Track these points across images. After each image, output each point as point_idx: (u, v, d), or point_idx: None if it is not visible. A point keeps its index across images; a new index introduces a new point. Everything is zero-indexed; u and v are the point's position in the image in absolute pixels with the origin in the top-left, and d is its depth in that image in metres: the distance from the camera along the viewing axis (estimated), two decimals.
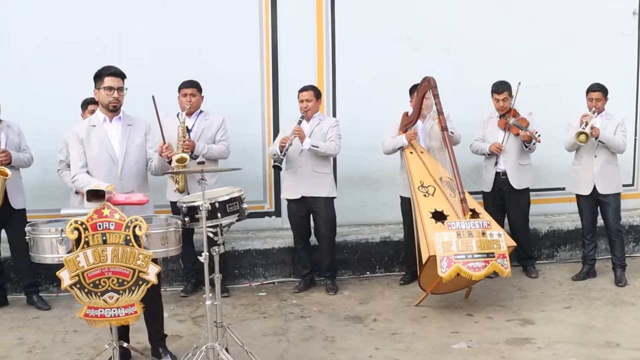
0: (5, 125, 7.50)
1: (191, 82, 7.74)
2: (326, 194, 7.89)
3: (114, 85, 5.63)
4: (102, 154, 5.71)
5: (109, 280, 4.90)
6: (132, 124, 5.84)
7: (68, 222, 4.83)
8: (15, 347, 6.48)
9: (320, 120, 7.95)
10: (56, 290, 8.07)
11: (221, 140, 7.82)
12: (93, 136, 5.73)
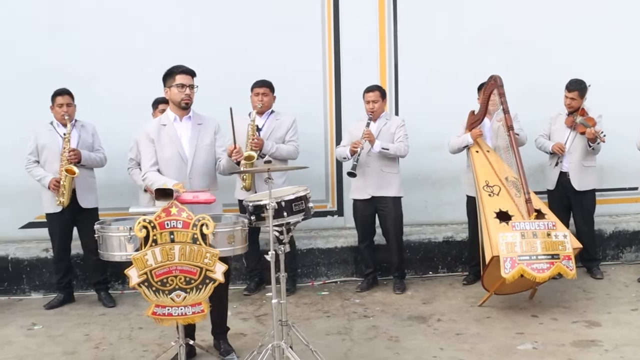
0: (80, 125, 7.64)
1: (264, 82, 7.77)
2: (394, 194, 7.85)
3: (185, 82, 5.70)
4: (173, 153, 5.77)
5: (176, 278, 4.93)
6: (202, 123, 5.89)
7: (136, 220, 4.88)
8: (83, 343, 6.58)
9: (387, 120, 7.91)
10: (121, 288, 8.18)
11: (291, 141, 7.81)
12: (163, 135, 5.79)
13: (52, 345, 6.55)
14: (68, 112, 7.51)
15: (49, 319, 7.37)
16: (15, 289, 8.25)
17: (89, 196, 7.69)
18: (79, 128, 7.66)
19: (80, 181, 7.54)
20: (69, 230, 7.78)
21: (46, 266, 8.19)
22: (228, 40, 8.60)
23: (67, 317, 7.40)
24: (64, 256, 7.81)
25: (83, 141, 7.65)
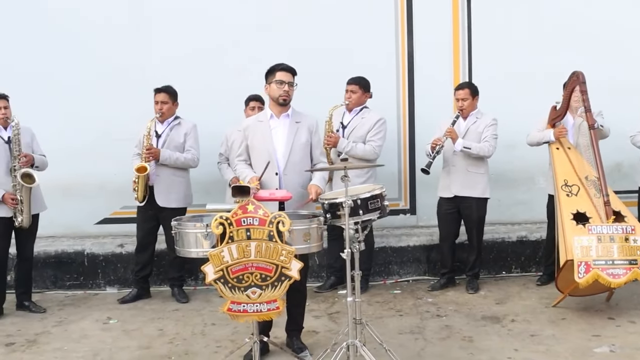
0: (177, 123, 7.74)
1: (354, 79, 7.78)
2: (478, 195, 7.76)
3: (285, 79, 5.75)
4: (262, 150, 5.80)
5: (252, 275, 4.94)
6: (300, 121, 5.91)
7: (213, 217, 4.90)
8: (157, 338, 6.65)
9: (477, 118, 7.79)
10: (194, 284, 8.26)
11: (371, 141, 7.73)
12: (257, 132, 5.86)
13: (127, 340, 6.64)
14: (162, 110, 7.60)
15: (124, 313, 7.47)
16: (90, 284, 8.42)
17: (170, 195, 7.72)
18: (173, 126, 7.75)
19: (161, 180, 7.64)
20: (151, 224, 7.86)
21: (121, 261, 8.33)
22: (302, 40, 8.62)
23: (142, 312, 7.49)
24: (144, 249, 7.91)
25: (171, 140, 7.72)
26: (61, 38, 8.83)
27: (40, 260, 8.33)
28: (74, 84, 8.75)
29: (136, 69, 8.56)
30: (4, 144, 7.33)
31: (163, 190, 7.68)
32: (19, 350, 6.46)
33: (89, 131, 8.63)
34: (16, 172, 7.24)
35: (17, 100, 7.46)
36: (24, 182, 7.22)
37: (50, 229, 8.59)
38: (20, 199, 7.26)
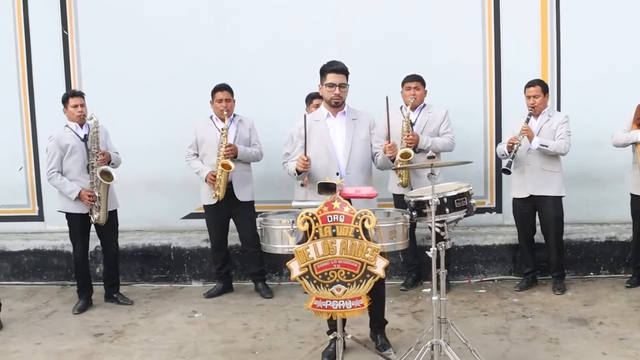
0: (238, 120, 7.80)
1: (415, 76, 7.71)
2: (554, 193, 7.61)
3: (335, 82, 5.69)
4: (321, 149, 5.79)
5: (337, 272, 4.93)
6: (357, 118, 5.87)
7: (299, 214, 4.91)
8: (241, 332, 6.72)
9: (549, 116, 7.65)
10: (278, 279, 8.32)
11: (445, 133, 7.73)
12: (314, 131, 5.81)
13: (212, 333, 6.73)
14: (227, 107, 7.66)
15: (209, 307, 7.57)
16: (176, 277, 8.56)
17: (245, 189, 7.83)
18: (237, 123, 7.81)
19: (236, 175, 7.71)
20: (225, 222, 7.97)
21: (206, 256, 8.43)
22: (381, 33, 8.57)
23: (226, 307, 7.58)
24: (221, 247, 8.01)
25: (240, 136, 7.80)
26: (144, 36, 9.01)
27: (128, 253, 8.52)
28: (159, 81, 8.91)
29: (219, 66, 8.64)
30: (81, 142, 7.50)
31: (240, 185, 7.78)
32: (106, 341, 6.62)
33: (175, 127, 8.74)
34: (95, 169, 7.40)
35: (103, 98, 7.62)
36: (103, 180, 7.37)
37: (137, 223, 8.76)
38: (97, 196, 7.41)
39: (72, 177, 7.46)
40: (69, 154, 7.46)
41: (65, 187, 7.45)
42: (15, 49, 9.34)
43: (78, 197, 7.41)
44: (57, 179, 7.48)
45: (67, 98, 7.55)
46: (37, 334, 6.91)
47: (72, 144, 7.45)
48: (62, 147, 7.46)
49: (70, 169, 7.48)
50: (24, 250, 9.01)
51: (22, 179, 9.40)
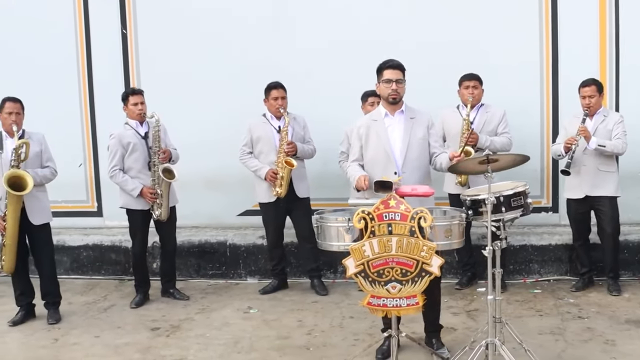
0: (292, 117, 7.83)
1: (473, 75, 7.67)
2: (610, 194, 7.50)
3: (392, 77, 5.66)
4: (379, 149, 5.76)
5: (392, 270, 4.95)
6: (415, 117, 5.83)
7: (355, 211, 4.94)
8: (296, 328, 6.77)
9: (604, 116, 7.53)
10: (333, 277, 8.34)
11: (504, 133, 7.67)
12: (372, 131, 5.80)
13: (267, 329, 6.78)
14: (283, 105, 7.72)
15: (264, 303, 7.63)
16: (232, 273, 8.65)
17: (303, 186, 7.91)
18: (291, 120, 7.85)
19: (295, 172, 7.76)
20: (283, 218, 8.02)
21: (261, 252, 8.51)
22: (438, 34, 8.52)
23: (281, 303, 7.63)
24: (277, 244, 8.06)
25: (296, 133, 7.87)
26: (201, 35, 9.11)
27: (185, 249, 8.62)
28: (216, 80, 9.00)
29: (273, 64, 8.69)
30: (141, 139, 7.61)
31: (298, 182, 7.85)
32: (163, 335, 6.72)
33: (232, 124, 8.81)
34: (156, 167, 7.51)
35: (161, 96, 7.72)
36: (165, 178, 7.47)
37: (194, 220, 8.86)
38: (159, 193, 7.52)
39: (133, 175, 7.59)
40: (130, 152, 7.58)
41: (127, 185, 7.58)
42: (76, 48, 9.54)
43: (140, 194, 7.53)
44: (119, 176, 7.61)
45: (127, 96, 7.67)
46: (96, 327, 7.05)
47: (133, 141, 7.57)
48: (124, 145, 7.59)
49: (132, 166, 7.60)
50: (83, 245, 9.19)
51: (82, 175, 9.58)
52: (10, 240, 6.97)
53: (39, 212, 7.13)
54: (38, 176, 7.04)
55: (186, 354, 6.20)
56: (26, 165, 6.98)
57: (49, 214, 7.32)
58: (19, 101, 7.15)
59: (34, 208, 7.08)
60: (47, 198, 7.32)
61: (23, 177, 6.80)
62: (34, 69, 9.53)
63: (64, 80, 9.46)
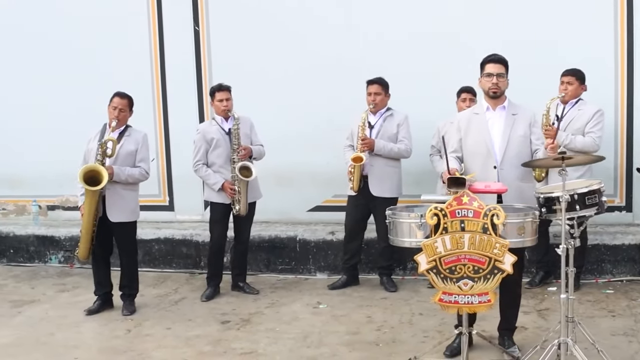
0: (389, 113, 7.86)
1: (570, 71, 7.55)
2: None
3: (493, 71, 5.63)
4: (479, 143, 5.71)
5: (464, 267, 4.93)
6: (517, 113, 5.75)
7: (428, 207, 4.93)
8: (365, 324, 6.78)
9: None
10: (402, 273, 8.33)
11: (590, 132, 7.47)
12: (473, 124, 5.77)
13: (336, 325, 6.81)
14: (375, 101, 7.73)
15: (333, 299, 7.66)
16: (301, 269, 8.70)
17: (383, 185, 7.80)
18: (385, 117, 7.85)
19: (374, 170, 7.76)
20: (361, 214, 7.99)
21: (331, 248, 8.54)
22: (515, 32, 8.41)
23: (350, 299, 7.64)
24: (353, 238, 8.06)
25: (385, 131, 7.82)
26: (275, 30, 9.16)
27: (255, 244, 8.69)
28: (290, 75, 9.06)
29: (348, 60, 8.71)
30: (225, 135, 7.69)
31: (377, 180, 7.78)
32: (233, 329, 6.80)
33: (302, 121, 8.90)
34: (235, 164, 7.58)
35: (234, 92, 7.77)
36: (242, 176, 7.55)
37: (264, 215, 8.90)
38: (237, 190, 7.60)
39: (216, 169, 7.71)
40: (213, 147, 7.70)
41: (209, 179, 7.71)
42: (149, 45, 9.70)
43: (221, 188, 7.64)
44: (203, 170, 7.75)
45: (214, 92, 7.78)
46: (167, 319, 7.16)
47: (216, 137, 7.68)
48: (208, 140, 7.71)
49: (215, 161, 7.72)
50: (154, 239, 9.33)
51: (154, 170, 9.66)
52: (84, 231, 7.11)
53: (119, 210, 7.22)
54: (123, 174, 7.13)
55: (256, 347, 6.26)
56: (116, 162, 7.14)
57: (132, 213, 7.36)
58: (127, 98, 7.30)
59: (114, 205, 7.19)
60: (135, 198, 7.38)
61: (100, 172, 6.91)
62: (108, 66, 9.73)
63: (138, 77, 9.60)
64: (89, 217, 7.07)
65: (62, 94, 10.01)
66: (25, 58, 10.22)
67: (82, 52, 9.91)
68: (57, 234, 9.81)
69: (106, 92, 7.47)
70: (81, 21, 9.92)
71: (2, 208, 10.82)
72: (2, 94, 10.42)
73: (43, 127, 10.16)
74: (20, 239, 10.03)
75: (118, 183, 7.12)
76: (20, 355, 6.32)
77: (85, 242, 7.14)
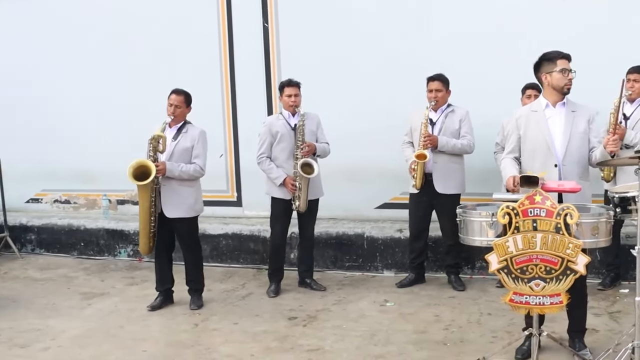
0: (450, 110, 7.80)
1: (637, 68, 7.31)
2: None
3: (567, 67, 5.52)
4: (538, 140, 5.59)
5: (536, 267, 4.86)
6: (576, 110, 5.64)
7: (499, 206, 4.87)
8: (433, 323, 6.73)
9: None
10: (470, 273, 8.24)
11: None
12: (532, 122, 5.65)
13: (403, 323, 6.77)
14: (436, 98, 7.66)
15: (400, 297, 7.61)
16: (369, 266, 8.67)
17: (448, 182, 7.72)
18: (447, 113, 7.78)
19: (438, 166, 7.68)
20: (425, 212, 7.91)
21: (399, 246, 8.49)
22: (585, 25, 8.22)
23: (418, 297, 7.60)
24: (419, 237, 7.99)
25: (446, 127, 7.75)
26: (343, 27, 9.13)
27: (322, 240, 8.70)
28: (358, 72, 9.02)
29: (413, 55, 8.66)
30: (290, 130, 7.71)
31: (441, 177, 7.70)
32: (300, 325, 6.81)
33: (369, 117, 8.86)
34: (297, 160, 7.59)
35: (302, 89, 7.78)
36: (303, 172, 7.54)
37: (331, 211, 8.93)
38: (298, 186, 7.60)
39: (279, 164, 7.71)
40: (278, 141, 7.71)
41: (272, 173, 7.72)
42: (219, 41, 9.77)
43: (282, 183, 7.65)
44: (266, 163, 7.77)
45: (283, 87, 7.80)
46: (234, 314, 7.21)
47: (281, 131, 7.70)
48: (273, 133, 7.73)
49: (278, 156, 7.73)
50: (222, 234, 9.41)
51: (223, 165, 9.80)
52: (141, 225, 7.22)
53: (174, 205, 7.28)
54: (176, 169, 7.17)
55: (323, 344, 6.26)
56: (171, 158, 7.21)
57: (190, 210, 7.38)
58: (184, 94, 7.36)
59: (169, 201, 7.26)
60: (192, 194, 7.41)
61: (149, 168, 6.97)
62: (179, 62, 9.86)
63: (207, 74, 9.71)
64: (143, 212, 7.17)
65: (133, 90, 10.20)
66: (98, 54, 10.43)
67: (154, 48, 10.07)
68: (126, 228, 9.99)
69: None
70: (152, 19, 10.08)
71: (74, 202, 11.03)
72: (74, 89, 10.63)
73: (114, 123, 10.36)
74: (91, 232, 10.24)
75: (173, 179, 7.20)
76: (90, 347, 6.43)
77: (143, 236, 7.26)
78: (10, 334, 6.86)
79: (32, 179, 11.14)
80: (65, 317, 7.37)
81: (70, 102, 10.68)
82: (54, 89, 10.75)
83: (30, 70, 10.90)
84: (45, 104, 10.82)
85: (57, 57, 10.73)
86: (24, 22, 10.91)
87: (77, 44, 10.56)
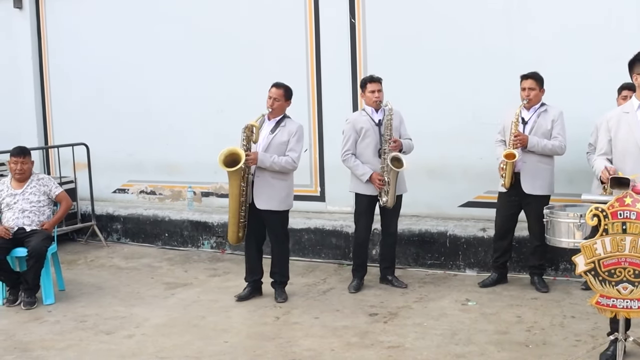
0: (543, 109, 7.65)
1: None
2: None
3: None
4: (629, 142, 5.46)
5: (624, 270, 4.78)
6: None
7: (588, 207, 4.80)
8: (515, 324, 6.65)
9: None
10: (554, 274, 8.11)
11: None
12: (623, 123, 5.52)
13: (485, 323, 6.71)
14: (530, 96, 7.54)
15: (482, 296, 7.54)
16: (451, 264, 8.60)
17: (536, 182, 7.55)
18: (539, 112, 7.64)
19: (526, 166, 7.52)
20: (512, 212, 7.77)
21: (482, 245, 8.40)
22: None
23: (500, 297, 7.52)
24: (503, 236, 7.89)
25: (538, 126, 7.60)
26: (430, 22, 9.06)
27: (404, 237, 8.68)
28: (444, 68, 8.95)
29: (505, 52, 8.53)
30: (375, 126, 7.70)
31: (529, 177, 7.55)
32: (381, 321, 6.81)
33: (456, 114, 8.80)
34: (386, 155, 7.57)
35: (388, 84, 7.78)
36: (393, 166, 7.53)
37: (414, 208, 8.89)
38: (387, 181, 7.59)
39: (364, 160, 7.71)
40: (362, 137, 7.72)
41: (358, 169, 7.73)
42: (306, 37, 9.83)
43: (369, 179, 7.65)
44: (351, 160, 7.78)
45: (365, 83, 7.80)
46: (315, 309, 7.25)
47: (366, 127, 7.70)
48: (357, 130, 7.74)
49: (363, 152, 7.73)
50: (305, 228, 9.46)
51: (307, 160, 9.83)
52: (230, 214, 7.34)
53: (266, 198, 7.37)
54: (268, 160, 7.25)
55: (403, 342, 6.25)
56: (267, 150, 7.32)
57: (281, 203, 7.46)
58: (283, 88, 7.46)
59: (261, 192, 7.36)
60: (285, 188, 7.49)
61: (240, 155, 7.07)
62: (266, 57, 9.98)
63: (294, 69, 9.75)
64: (232, 200, 7.28)
65: (220, 84, 10.37)
66: (185, 48, 10.64)
67: (242, 44, 10.20)
68: (210, 220, 10.12)
69: (262, 83, 7.66)
70: (240, 12, 10.21)
71: (159, 193, 11.23)
72: (162, 83, 10.85)
73: (200, 116, 10.54)
74: (175, 223, 10.41)
75: (267, 171, 7.29)
76: (173, 336, 6.56)
77: (231, 224, 7.37)
78: (96, 320, 7.05)
79: (120, 170, 11.43)
80: (149, 305, 7.54)
81: (158, 95, 10.93)
82: (142, 81, 11.04)
83: (121, 64, 11.20)
84: (134, 98, 11.12)
85: (145, 52, 11.02)
86: (114, 16, 11.21)
87: (166, 38, 10.79)
